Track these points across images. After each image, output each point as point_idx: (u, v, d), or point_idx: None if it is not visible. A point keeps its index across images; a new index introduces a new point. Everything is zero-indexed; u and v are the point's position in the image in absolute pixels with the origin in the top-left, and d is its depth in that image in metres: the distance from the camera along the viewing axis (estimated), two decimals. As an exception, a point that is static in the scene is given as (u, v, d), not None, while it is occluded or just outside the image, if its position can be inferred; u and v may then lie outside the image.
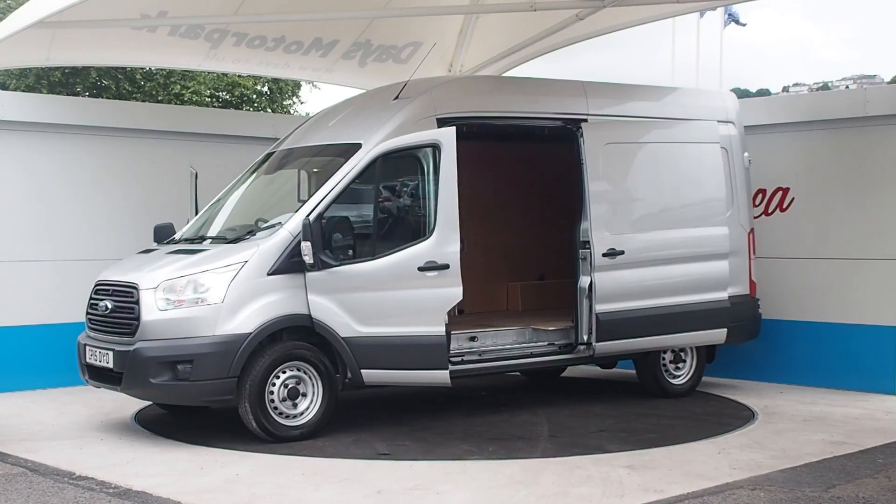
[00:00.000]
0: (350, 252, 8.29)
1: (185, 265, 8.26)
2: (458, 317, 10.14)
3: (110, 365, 8.24)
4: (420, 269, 8.25)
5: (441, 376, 8.36)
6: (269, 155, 9.77)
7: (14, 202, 10.83)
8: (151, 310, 8.04)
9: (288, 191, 9.70)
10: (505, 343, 9.41)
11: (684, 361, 10.11)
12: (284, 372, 8.10)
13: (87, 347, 8.55)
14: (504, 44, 12.49)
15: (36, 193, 10.98)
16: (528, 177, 11.45)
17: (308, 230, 7.97)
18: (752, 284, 10.25)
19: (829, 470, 7.02)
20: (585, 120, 9.44)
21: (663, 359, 9.99)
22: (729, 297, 9.84)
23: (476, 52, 12.76)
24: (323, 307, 8.14)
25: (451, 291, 8.33)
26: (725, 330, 9.81)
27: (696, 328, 9.70)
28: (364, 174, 8.38)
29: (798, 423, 8.71)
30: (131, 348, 8.02)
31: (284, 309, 8.08)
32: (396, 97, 9.03)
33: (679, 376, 10.10)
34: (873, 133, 10.30)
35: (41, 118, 11.00)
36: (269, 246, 8.17)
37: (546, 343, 9.51)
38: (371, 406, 9.75)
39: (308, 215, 8.11)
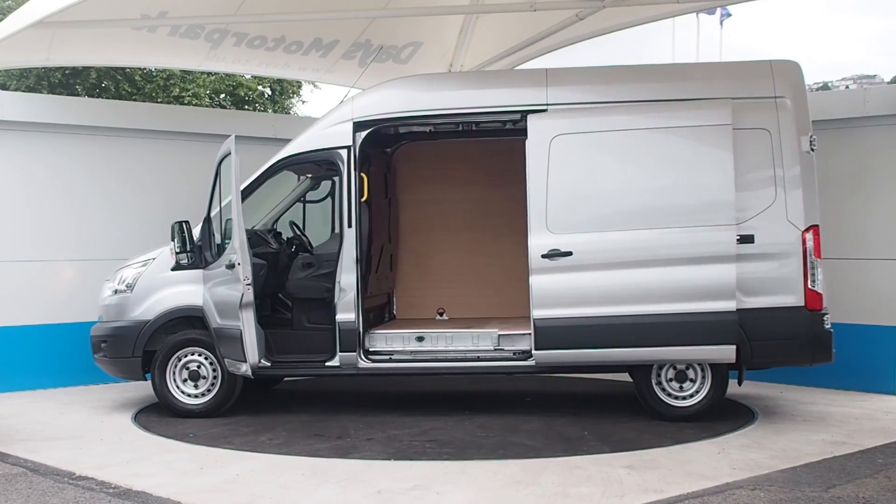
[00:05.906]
0: (216, 252, 9.17)
1: (128, 261, 9.61)
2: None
3: None
4: (227, 266, 8.76)
5: (244, 368, 8.68)
6: None
7: (14, 202, 10.84)
8: (102, 296, 9.60)
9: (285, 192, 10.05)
10: (461, 346, 9.14)
11: (692, 381, 8.77)
12: (187, 356, 9.17)
13: None
14: (504, 44, 12.49)
15: (36, 193, 10.98)
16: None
17: (172, 231, 9.13)
18: (811, 294, 8.56)
19: (829, 470, 7.02)
20: (545, 110, 8.77)
21: (659, 376, 8.79)
22: (746, 308, 8.34)
23: (476, 52, 12.76)
24: (206, 300, 9.12)
25: (240, 287, 8.61)
26: (734, 347, 8.30)
27: (681, 343, 8.33)
28: (216, 180, 9.14)
29: (798, 423, 8.71)
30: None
31: (184, 301, 9.22)
32: (341, 102, 9.32)
33: (683, 398, 8.76)
34: (873, 133, 10.30)
35: (41, 118, 11.01)
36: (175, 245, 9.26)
37: (493, 348, 9.08)
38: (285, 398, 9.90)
39: (180, 220, 9.15)
